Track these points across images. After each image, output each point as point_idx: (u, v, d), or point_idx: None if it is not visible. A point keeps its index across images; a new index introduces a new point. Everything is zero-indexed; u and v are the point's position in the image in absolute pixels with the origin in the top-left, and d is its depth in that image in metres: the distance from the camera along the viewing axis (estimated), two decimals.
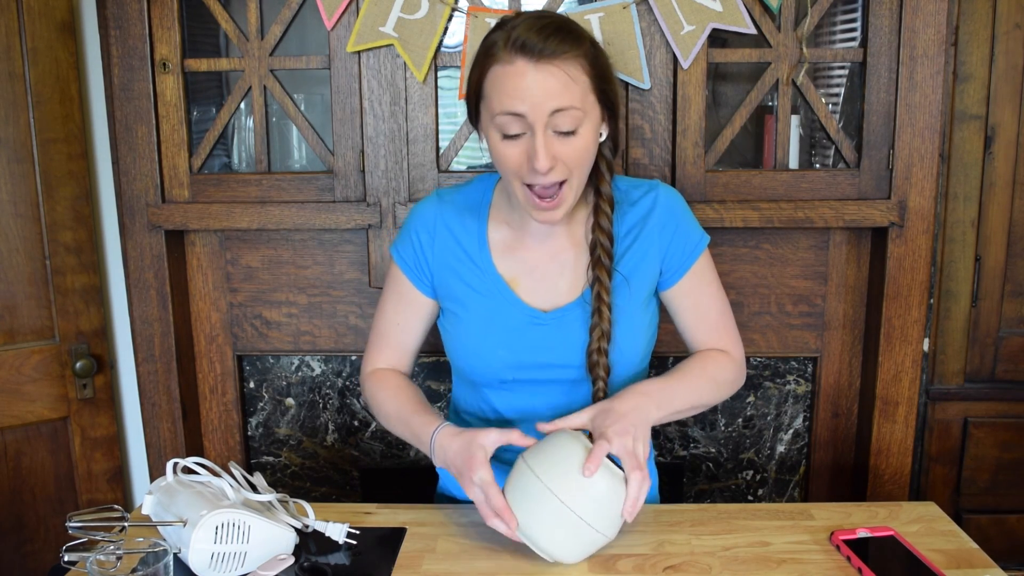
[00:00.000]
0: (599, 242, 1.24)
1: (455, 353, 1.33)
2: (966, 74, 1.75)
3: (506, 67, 1.12)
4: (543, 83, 1.11)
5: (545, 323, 1.26)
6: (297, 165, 1.88)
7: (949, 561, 1.12)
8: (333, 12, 1.60)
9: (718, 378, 1.29)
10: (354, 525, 1.18)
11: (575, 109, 1.12)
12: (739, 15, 1.56)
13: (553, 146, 1.13)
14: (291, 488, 1.90)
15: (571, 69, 1.12)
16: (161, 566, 0.95)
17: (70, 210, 1.81)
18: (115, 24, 1.63)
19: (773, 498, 1.88)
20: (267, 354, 1.85)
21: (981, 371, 1.87)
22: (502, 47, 1.13)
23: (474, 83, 1.18)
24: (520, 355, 1.27)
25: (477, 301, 1.28)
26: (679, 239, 1.28)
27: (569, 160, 1.15)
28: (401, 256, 1.33)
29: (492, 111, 1.15)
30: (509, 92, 1.12)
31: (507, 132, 1.14)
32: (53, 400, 1.84)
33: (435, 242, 1.30)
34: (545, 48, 1.10)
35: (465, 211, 1.31)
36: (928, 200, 1.64)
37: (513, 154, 1.15)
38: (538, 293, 1.28)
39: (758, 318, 1.77)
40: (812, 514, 1.26)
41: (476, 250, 1.29)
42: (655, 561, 1.13)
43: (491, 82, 1.14)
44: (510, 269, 1.28)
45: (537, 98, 1.11)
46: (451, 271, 1.29)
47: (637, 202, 1.28)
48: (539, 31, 1.11)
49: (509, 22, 1.15)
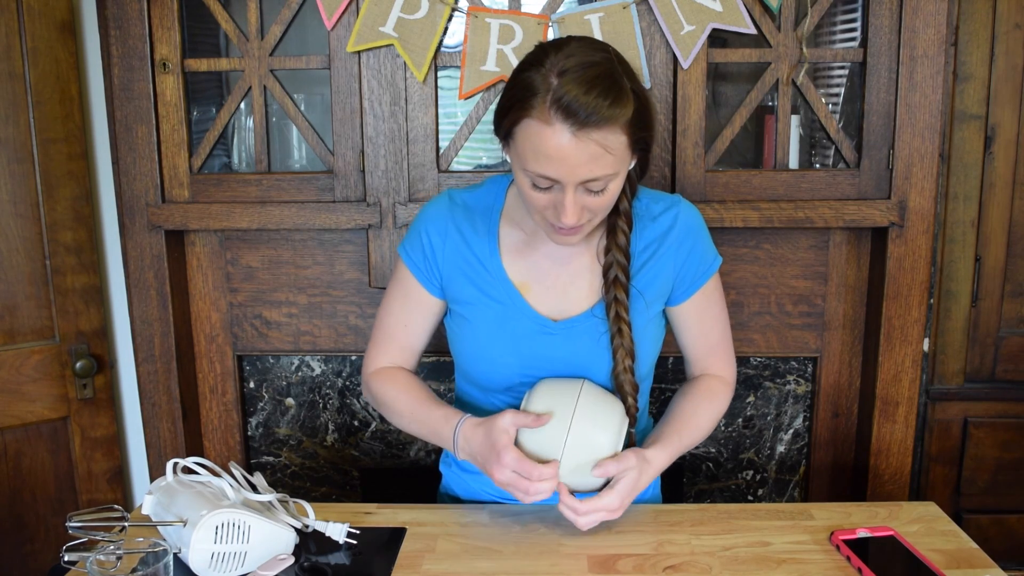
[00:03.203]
0: (616, 260, 1.22)
1: (462, 356, 1.32)
2: (966, 74, 1.75)
3: (543, 127, 1.05)
4: (581, 154, 1.05)
5: (555, 332, 1.25)
6: (297, 165, 1.88)
7: (949, 561, 1.12)
8: (333, 12, 1.60)
9: (719, 415, 1.34)
10: (354, 525, 1.18)
11: (609, 175, 1.09)
12: (739, 15, 1.56)
13: (582, 200, 1.11)
14: (291, 488, 1.90)
15: (612, 137, 1.07)
16: (161, 566, 0.95)
17: (70, 210, 1.81)
18: (115, 24, 1.63)
19: (773, 498, 1.88)
20: (267, 354, 1.85)
21: (981, 371, 1.87)
22: (541, 100, 1.05)
23: (505, 120, 1.12)
24: (527, 362, 1.26)
25: (486, 305, 1.26)
26: (694, 258, 1.27)
27: (596, 209, 1.13)
28: (409, 256, 1.30)
29: (522, 163, 1.11)
30: (543, 155, 1.07)
31: (538, 184, 1.11)
32: (53, 400, 1.84)
33: (446, 243, 1.28)
34: (590, 117, 1.04)
35: (476, 213, 1.28)
36: (928, 200, 1.64)
37: (541, 199, 1.12)
38: (549, 300, 1.26)
39: (758, 318, 1.77)
40: (812, 514, 1.26)
41: (487, 254, 1.26)
42: (655, 561, 1.13)
43: (524, 135, 1.08)
44: (521, 273, 1.26)
45: (571, 166, 1.06)
46: (461, 273, 1.27)
47: (658, 217, 1.26)
48: (586, 90, 1.04)
49: (551, 62, 1.07)
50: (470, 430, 1.18)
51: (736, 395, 1.83)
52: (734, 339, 1.76)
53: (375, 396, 1.34)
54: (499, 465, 1.12)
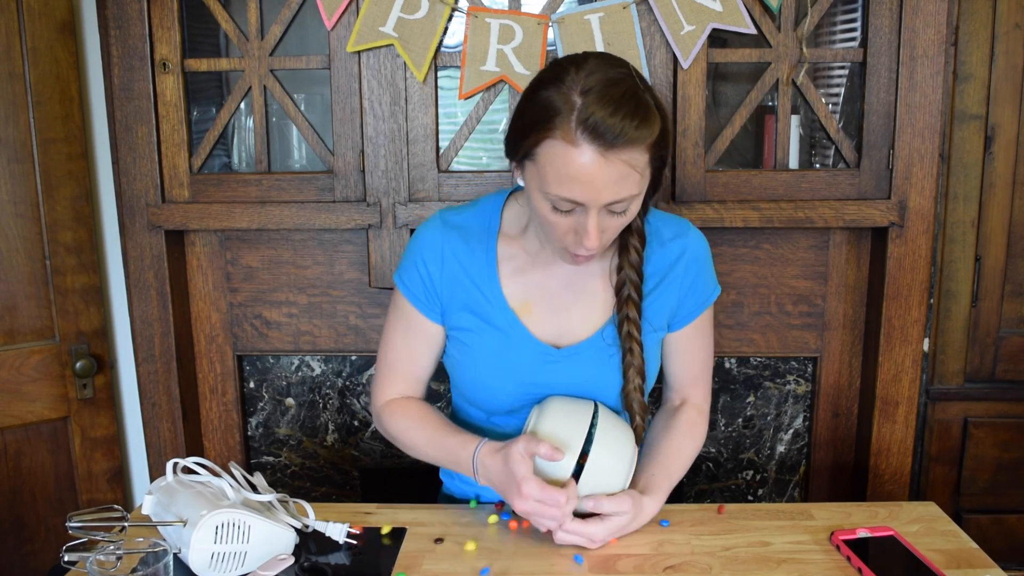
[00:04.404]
0: (629, 278, 1.19)
1: (461, 380, 1.29)
2: (966, 74, 1.75)
3: (569, 149, 1.02)
4: (608, 176, 1.03)
5: (558, 360, 1.22)
6: (297, 165, 1.88)
7: (949, 561, 1.12)
8: (333, 12, 1.60)
9: (699, 450, 1.33)
10: (354, 525, 1.18)
11: (633, 195, 1.07)
12: (739, 15, 1.56)
13: (603, 222, 1.08)
14: (291, 488, 1.90)
15: (638, 156, 1.04)
16: (161, 566, 0.95)
17: (70, 210, 1.81)
18: (115, 24, 1.63)
19: (773, 498, 1.88)
20: (267, 354, 1.85)
21: (981, 371, 1.87)
22: (565, 119, 1.02)
23: (524, 140, 1.08)
24: (529, 389, 1.24)
25: (486, 332, 1.23)
26: (696, 289, 1.26)
27: (614, 231, 1.12)
28: (407, 286, 1.27)
29: (543, 185, 1.07)
30: (568, 177, 1.04)
31: (559, 208, 1.08)
32: (53, 400, 1.84)
33: (444, 271, 1.24)
34: (618, 137, 1.01)
35: (472, 236, 1.24)
36: (928, 200, 1.64)
37: (561, 224, 1.10)
38: (551, 324, 1.23)
39: (758, 318, 1.77)
40: (812, 514, 1.26)
41: (484, 278, 1.23)
42: (655, 561, 1.13)
43: (548, 156, 1.05)
44: (522, 295, 1.23)
45: (598, 188, 1.04)
46: (460, 300, 1.24)
47: (667, 244, 1.24)
48: (613, 110, 1.01)
49: (571, 79, 1.04)
50: (488, 457, 1.15)
51: (736, 395, 1.83)
52: (734, 339, 1.78)
53: (388, 431, 1.32)
54: (520, 497, 1.10)
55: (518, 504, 1.10)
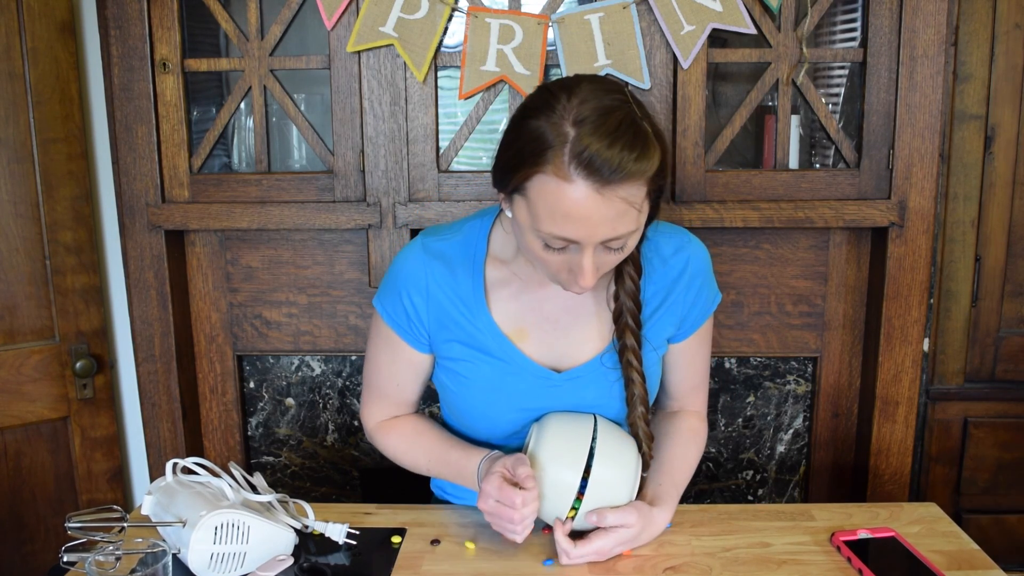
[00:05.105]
0: (626, 307, 1.14)
1: (457, 408, 1.25)
2: (966, 74, 1.75)
3: (563, 185, 0.95)
4: (604, 213, 0.96)
5: (559, 384, 1.19)
6: (297, 165, 1.88)
7: (950, 562, 1.12)
8: (333, 12, 1.60)
9: (701, 455, 1.31)
10: (354, 525, 1.18)
11: (631, 231, 1.01)
12: (739, 15, 1.56)
13: (599, 258, 1.03)
14: (291, 488, 1.90)
15: (636, 191, 0.97)
16: (160, 566, 0.95)
17: (70, 210, 1.81)
18: (115, 24, 1.63)
19: (773, 498, 1.88)
20: (267, 354, 1.85)
21: (981, 371, 1.87)
22: (557, 153, 0.95)
23: (514, 175, 1.01)
24: (531, 414, 1.20)
25: (482, 362, 1.18)
26: (700, 301, 1.23)
27: (610, 266, 1.06)
28: (390, 315, 1.21)
29: (535, 223, 1.00)
30: (561, 214, 0.97)
31: (551, 245, 1.01)
32: (53, 400, 1.84)
33: (429, 302, 1.18)
34: (616, 172, 0.94)
35: (456, 263, 1.18)
36: (928, 200, 1.63)
37: (554, 262, 1.04)
38: (548, 348, 1.19)
39: (758, 318, 1.77)
40: (813, 515, 1.26)
41: (474, 307, 1.17)
42: (655, 561, 1.13)
43: (539, 192, 0.98)
44: (515, 321, 1.18)
45: (593, 226, 0.97)
46: (448, 331, 1.19)
47: (668, 260, 1.20)
48: (610, 142, 0.94)
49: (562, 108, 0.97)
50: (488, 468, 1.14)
51: (736, 395, 1.83)
52: (734, 339, 1.78)
53: (385, 450, 1.31)
54: (481, 495, 1.08)
55: (479, 502, 1.10)
